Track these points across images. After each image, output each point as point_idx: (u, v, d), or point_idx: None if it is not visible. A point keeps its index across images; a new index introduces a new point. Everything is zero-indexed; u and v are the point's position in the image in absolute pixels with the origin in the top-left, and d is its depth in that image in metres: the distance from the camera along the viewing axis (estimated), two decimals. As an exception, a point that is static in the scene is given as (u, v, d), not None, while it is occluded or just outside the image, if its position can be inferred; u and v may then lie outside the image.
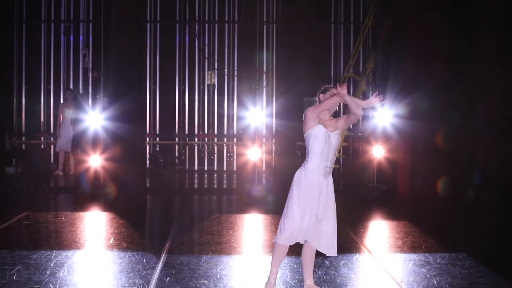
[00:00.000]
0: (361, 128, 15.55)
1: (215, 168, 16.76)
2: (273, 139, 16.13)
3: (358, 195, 12.79)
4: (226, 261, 6.99)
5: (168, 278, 6.22)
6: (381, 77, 14.15)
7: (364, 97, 15.98)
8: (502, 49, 11.51)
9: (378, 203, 11.75)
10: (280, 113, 13.48)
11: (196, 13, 17.08)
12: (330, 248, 5.65)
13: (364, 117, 15.79)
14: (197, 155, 17.00)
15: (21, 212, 9.91)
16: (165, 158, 16.30)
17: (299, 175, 5.78)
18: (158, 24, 17.10)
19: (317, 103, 5.97)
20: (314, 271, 6.52)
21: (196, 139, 17.09)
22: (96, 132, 12.89)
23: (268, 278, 5.74)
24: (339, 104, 5.99)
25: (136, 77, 11.31)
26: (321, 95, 6.00)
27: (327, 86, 6.09)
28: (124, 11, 11.26)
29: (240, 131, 16.79)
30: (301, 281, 6.19)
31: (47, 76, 16.84)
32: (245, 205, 11.26)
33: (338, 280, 6.24)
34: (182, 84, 17.09)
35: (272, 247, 7.61)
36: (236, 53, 17.09)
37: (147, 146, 16.56)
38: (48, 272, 6.34)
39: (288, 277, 6.36)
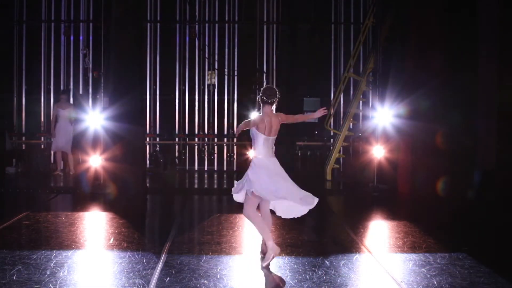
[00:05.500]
0: (361, 128, 15.57)
1: (215, 168, 16.78)
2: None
3: (358, 195, 12.80)
4: (226, 261, 7.00)
5: (168, 278, 6.22)
6: (381, 77, 14.16)
7: (364, 96, 16.02)
8: (502, 49, 11.53)
9: (378, 203, 11.75)
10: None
11: (196, 13, 17.09)
12: None
13: (365, 117, 15.84)
14: (197, 155, 17.02)
15: (21, 212, 9.92)
16: (165, 158, 16.32)
17: None
18: (158, 24, 17.11)
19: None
20: (314, 270, 6.54)
21: (196, 139, 17.10)
22: (96, 132, 12.90)
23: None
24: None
25: (136, 77, 11.32)
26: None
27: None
28: (124, 11, 11.27)
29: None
30: (301, 281, 6.20)
31: (47, 76, 16.86)
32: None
33: (338, 280, 6.25)
34: (182, 84, 17.10)
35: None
36: (236, 53, 17.11)
37: (147, 146, 16.57)
38: (48, 272, 6.35)
39: (288, 277, 6.37)
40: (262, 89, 7.19)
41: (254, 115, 7.29)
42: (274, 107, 7.19)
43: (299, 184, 7.03)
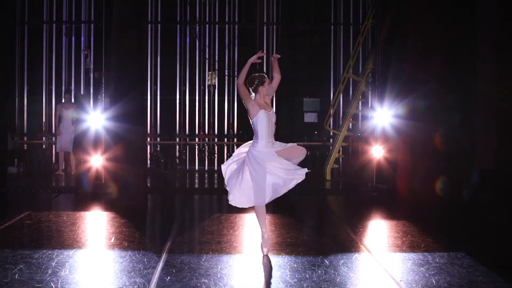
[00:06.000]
0: (361, 128, 15.61)
1: (216, 168, 16.82)
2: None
3: (358, 195, 12.83)
4: (226, 260, 7.03)
5: (168, 277, 6.26)
6: (380, 77, 14.20)
7: (363, 97, 16.06)
8: (501, 50, 11.58)
9: (377, 202, 11.78)
10: (280, 113, 13.53)
11: (197, 14, 17.14)
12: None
13: (364, 117, 15.89)
14: (198, 155, 17.06)
15: (23, 211, 9.96)
16: (166, 158, 16.36)
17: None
18: (159, 25, 17.16)
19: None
20: (313, 270, 6.60)
21: (196, 139, 17.15)
22: (97, 132, 12.95)
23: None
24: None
25: (137, 78, 11.35)
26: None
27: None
28: (125, 12, 11.30)
29: (240, 131, 16.86)
30: (301, 280, 6.25)
31: (48, 77, 16.91)
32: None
33: (338, 279, 6.28)
34: (183, 84, 17.15)
35: (272, 246, 7.68)
36: (236, 54, 17.15)
37: (148, 146, 16.62)
38: (49, 271, 6.39)
39: (288, 276, 6.41)
40: None
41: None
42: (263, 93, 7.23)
43: (300, 183, 7.07)
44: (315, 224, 9.97)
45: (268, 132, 7.03)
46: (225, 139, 17.18)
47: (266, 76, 7.30)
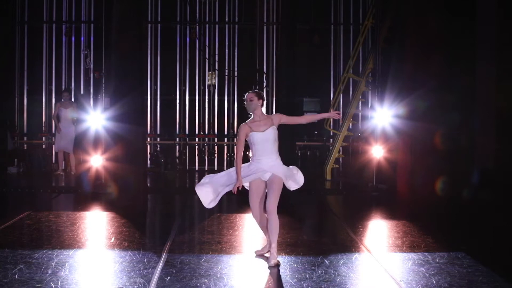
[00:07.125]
0: (361, 128, 15.63)
1: (216, 168, 16.82)
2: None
3: (358, 194, 12.84)
4: (226, 260, 7.04)
5: (168, 277, 6.27)
6: (380, 77, 14.22)
7: (363, 97, 16.07)
8: (501, 50, 11.58)
9: (377, 202, 11.80)
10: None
11: (197, 14, 17.14)
12: None
13: (364, 117, 15.90)
14: (198, 155, 17.07)
15: (23, 211, 9.97)
16: (166, 158, 16.37)
17: None
18: (159, 25, 17.17)
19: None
20: (313, 269, 6.61)
21: (196, 139, 17.16)
22: (97, 132, 12.96)
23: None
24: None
25: (137, 78, 11.34)
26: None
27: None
28: (125, 12, 11.30)
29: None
30: (301, 280, 6.25)
31: (48, 77, 16.92)
32: (245, 204, 11.27)
33: (338, 279, 6.29)
34: (182, 84, 17.16)
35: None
36: (236, 53, 17.16)
37: (148, 146, 16.63)
38: (49, 271, 6.39)
39: (288, 276, 6.42)
40: None
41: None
42: (262, 109, 7.14)
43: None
44: (315, 224, 9.97)
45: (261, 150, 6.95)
46: (225, 139, 17.19)
47: (250, 93, 7.02)
